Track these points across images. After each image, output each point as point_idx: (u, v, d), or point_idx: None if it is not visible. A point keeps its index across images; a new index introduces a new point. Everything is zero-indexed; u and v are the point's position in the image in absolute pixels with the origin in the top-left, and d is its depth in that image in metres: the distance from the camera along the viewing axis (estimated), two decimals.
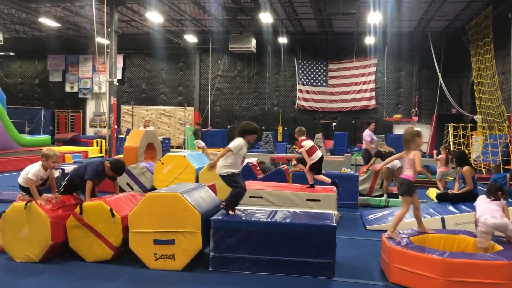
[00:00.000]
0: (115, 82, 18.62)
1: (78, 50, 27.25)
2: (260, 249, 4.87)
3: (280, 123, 25.34)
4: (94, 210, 5.14)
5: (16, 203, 5.25)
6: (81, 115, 28.23)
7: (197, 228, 4.85)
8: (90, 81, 27.85)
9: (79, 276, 4.71)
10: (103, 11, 17.31)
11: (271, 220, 4.99)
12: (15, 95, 27.78)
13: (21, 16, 22.55)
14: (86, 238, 5.12)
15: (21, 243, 5.09)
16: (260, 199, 7.65)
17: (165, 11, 20.81)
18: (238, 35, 21.85)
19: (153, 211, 4.93)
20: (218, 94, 26.52)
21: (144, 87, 27.49)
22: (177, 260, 4.87)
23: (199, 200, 5.20)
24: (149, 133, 12.64)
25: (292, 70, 25.53)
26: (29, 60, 28.63)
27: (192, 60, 26.64)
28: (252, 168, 9.72)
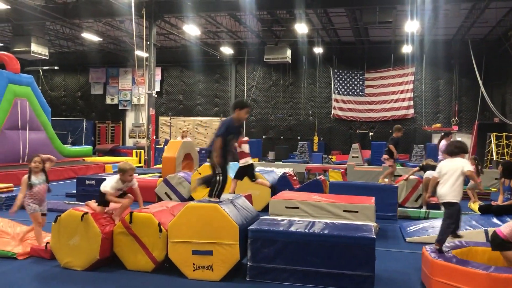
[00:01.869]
0: (153, 94, 19.06)
1: (118, 63, 28.09)
2: (298, 260, 4.85)
3: (315, 133, 25.21)
4: (143, 222, 5.21)
5: (72, 210, 5.40)
6: (121, 126, 29.00)
7: (235, 239, 4.88)
8: (129, 93, 28.63)
9: (121, 284, 4.82)
10: (142, 25, 17.81)
11: (308, 231, 4.96)
12: (59, 107, 28.86)
13: (65, 31, 23.49)
14: (131, 247, 5.22)
15: (69, 249, 5.24)
16: (297, 209, 7.61)
17: (202, 24, 21.22)
18: (274, 46, 21.97)
19: (192, 221, 5.00)
20: (253, 105, 26.68)
21: (181, 98, 28.00)
22: (215, 271, 4.92)
23: (237, 211, 5.24)
24: (187, 144, 12.86)
25: (328, 80, 25.41)
26: (72, 74, 29.72)
27: (228, 71, 26.97)
28: (288, 178, 9.71)
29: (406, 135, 24.29)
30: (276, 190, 8.73)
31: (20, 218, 7.59)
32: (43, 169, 5.89)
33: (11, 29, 21.68)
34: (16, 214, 8.24)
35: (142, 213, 5.28)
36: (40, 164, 5.82)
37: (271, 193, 9.05)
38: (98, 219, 5.30)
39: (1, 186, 9.72)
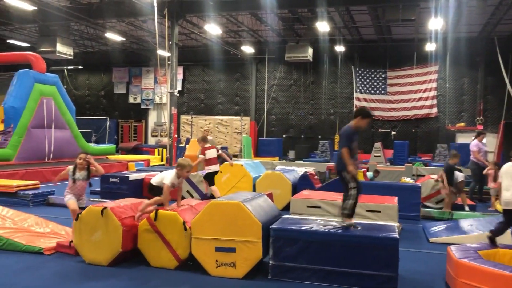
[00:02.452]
0: (175, 93, 19.23)
1: (141, 62, 28.41)
2: (320, 259, 4.84)
3: (337, 132, 25.04)
4: (168, 220, 5.27)
5: (92, 207, 5.50)
6: (144, 125, 29.33)
7: (257, 237, 4.90)
8: (152, 92, 28.93)
9: (144, 280, 4.89)
10: (165, 25, 17.96)
11: (331, 230, 4.95)
12: (83, 106, 29.35)
13: (89, 31, 23.88)
14: (155, 244, 5.29)
15: (93, 245, 5.35)
16: (318, 209, 7.59)
17: (223, 23, 21.29)
18: (295, 44, 21.90)
19: (215, 218, 5.04)
20: (274, 104, 26.66)
21: (202, 97, 28.16)
22: (237, 268, 4.95)
23: (260, 209, 5.25)
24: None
25: (349, 78, 25.21)
26: (96, 73, 30.19)
27: (249, 70, 27.00)
28: (309, 177, 9.68)
29: (429, 134, 23.94)
30: (297, 189, 8.77)
31: (48, 215, 7.78)
32: (87, 167, 6.01)
33: (37, 30, 22.15)
34: (43, 211, 8.46)
35: (167, 211, 5.34)
36: (84, 162, 5.97)
37: (292, 192, 9.09)
38: (118, 213, 5.38)
39: (28, 183, 9.94)
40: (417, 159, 20.71)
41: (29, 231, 6.38)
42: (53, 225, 6.86)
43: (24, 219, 6.83)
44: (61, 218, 7.71)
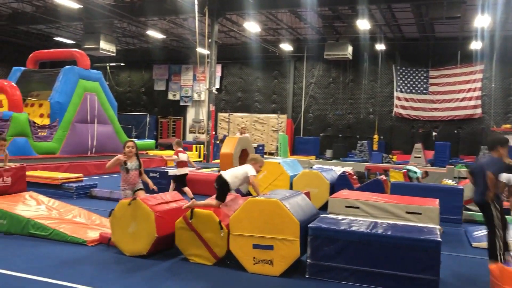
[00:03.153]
0: (214, 90, 19.42)
1: (181, 60, 28.85)
2: (359, 259, 4.78)
3: (375, 132, 24.63)
4: (204, 218, 5.33)
5: (123, 201, 5.65)
6: (182, 122, 29.80)
7: (295, 236, 4.89)
8: (190, 89, 29.34)
9: (183, 275, 4.97)
10: (205, 23, 18.17)
11: (371, 231, 4.87)
12: (124, 102, 30.09)
13: (132, 29, 24.44)
14: (192, 241, 5.36)
15: (130, 237, 5.48)
16: (356, 209, 7.48)
17: (262, 21, 21.33)
18: (334, 42, 21.68)
19: (253, 216, 5.06)
20: (312, 102, 26.49)
21: (240, 95, 28.31)
22: (275, 266, 4.95)
23: (298, 207, 5.24)
24: (244, 140, 12.98)
25: (390, 77, 24.72)
26: (137, 70, 30.88)
27: (287, 68, 26.93)
28: (348, 177, 9.57)
29: (473, 135, 23.17)
30: (335, 188, 8.69)
31: (91, 207, 8.02)
32: (136, 154, 6.12)
33: (82, 27, 22.85)
34: (86, 203, 8.73)
35: (203, 210, 5.41)
36: (133, 149, 6.07)
37: (330, 191, 9.01)
38: (147, 201, 5.50)
39: (72, 176, 10.28)
40: (459, 161, 20.10)
41: (73, 222, 6.60)
42: (96, 217, 7.07)
43: (68, 211, 7.08)
44: (103, 210, 7.93)
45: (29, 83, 16.56)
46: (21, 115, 13.89)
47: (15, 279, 4.61)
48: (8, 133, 13.29)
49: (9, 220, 6.41)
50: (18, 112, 13.88)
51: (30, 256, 5.41)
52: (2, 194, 7.16)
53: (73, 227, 6.38)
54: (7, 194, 7.22)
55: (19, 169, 7.62)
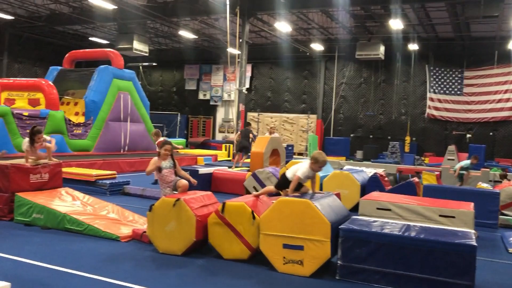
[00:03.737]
0: (244, 90, 19.50)
1: (211, 60, 29.11)
2: (390, 262, 4.71)
3: (407, 133, 24.20)
4: (236, 210, 5.37)
5: (165, 198, 5.71)
6: (212, 121, 30.06)
7: (326, 236, 4.86)
8: (221, 89, 29.56)
9: (213, 272, 5.02)
10: (236, 23, 18.27)
11: (403, 234, 4.80)
12: (156, 102, 30.58)
13: (164, 29, 24.82)
14: (226, 236, 5.39)
15: (166, 236, 5.54)
16: (388, 211, 7.38)
17: (293, 20, 21.28)
18: (366, 42, 21.43)
19: (284, 215, 5.05)
20: (342, 102, 26.25)
21: (269, 95, 28.33)
22: (305, 266, 4.93)
23: (328, 208, 5.20)
24: (274, 140, 13.00)
25: (423, 78, 24.26)
26: (169, 70, 31.33)
27: (317, 68, 26.78)
28: (379, 178, 9.44)
29: (509, 138, 22.47)
30: (365, 190, 8.60)
31: (124, 204, 8.19)
32: (171, 154, 6.32)
33: (116, 28, 23.35)
34: (119, 200, 8.92)
35: (235, 202, 5.44)
36: (169, 152, 6.28)
37: (361, 193, 8.92)
38: (190, 203, 5.53)
39: (106, 173, 10.51)
40: (494, 164, 19.54)
41: (107, 218, 6.75)
42: (129, 213, 7.21)
43: (102, 207, 7.25)
44: (135, 207, 8.09)
45: (65, 82, 17.02)
46: (58, 113, 14.29)
47: (52, 272, 4.75)
48: (44, 130, 13.70)
49: (46, 215, 6.61)
50: (54, 110, 14.29)
51: (66, 250, 5.56)
52: (39, 189, 7.40)
53: (107, 223, 6.53)
54: (44, 190, 7.45)
55: (55, 166, 7.85)
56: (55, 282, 4.46)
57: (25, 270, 4.75)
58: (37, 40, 26.97)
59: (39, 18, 23.01)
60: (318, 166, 5.53)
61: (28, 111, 13.58)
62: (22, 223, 6.76)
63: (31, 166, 7.37)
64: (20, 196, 6.88)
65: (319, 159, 5.49)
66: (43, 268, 4.83)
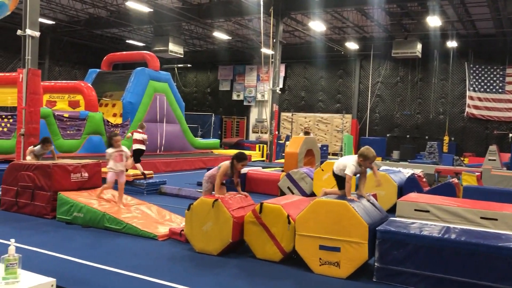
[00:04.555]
0: (277, 90, 19.48)
1: (245, 61, 29.23)
2: (430, 265, 4.60)
3: (446, 133, 23.57)
4: (273, 212, 5.37)
5: (204, 198, 5.76)
6: (245, 121, 30.19)
7: (363, 238, 4.79)
8: (254, 89, 29.64)
9: (250, 272, 5.04)
10: (270, 23, 18.27)
11: (443, 236, 4.67)
12: (190, 102, 30.96)
13: (198, 31, 25.11)
14: (261, 236, 5.41)
15: (203, 235, 5.60)
16: (426, 213, 7.22)
17: (327, 19, 21.10)
18: (402, 40, 21.01)
19: (320, 216, 5.01)
20: (378, 101, 25.83)
21: (303, 94, 28.20)
22: (341, 268, 4.88)
23: (365, 209, 5.13)
24: (309, 140, 12.91)
25: (462, 76, 23.57)
26: (203, 71, 31.68)
27: (352, 67, 26.46)
28: (417, 179, 9.23)
29: None
30: (403, 191, 8.43)
31: (160, 203, 8.33)
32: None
33: (152, 30, 23.79)
34: (156, 199, 9.09)
35: (272, 204, 5.44)
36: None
37: (398, 194, 8.76)
38: (228, 205, 5.56)
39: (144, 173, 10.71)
40: None
41: (145, 217, 6.89)
42: (166, 212, 7.33)
43: (140, 206, 7.39)
44: (172, 206, 8.22)
45: (103, 84, 17.48)
46: (97, 114, 14.69)
47: (93, 270, 4.89)
48: (84, 131, 14.10)
49: (86, 213, 6.81)
50: (93, 111, 14.69)
51: (106, 249, 5.71)
52: (80, 188, 7.63)
53: (145, 222, 6.66)
54: (84, 189, 7.67)
55: (95, 165, 8.08)
56: (96, 279, 4.58)
57: (68, 268, 4.90)
58: (76, 44, 27.82)
59: (78, 22, 23.72)
60: (369, 163, 5.38)
61: (69, 112, 14.01)
62: (64, 221, 6.99)
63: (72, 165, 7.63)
64: (62, 195, 7.11)
65: (369, 155, 5.33)
66: (84, 266, 4.98)
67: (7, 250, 2.79)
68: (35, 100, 9.04)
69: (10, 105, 13.99)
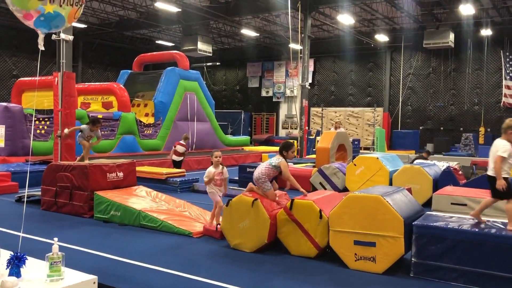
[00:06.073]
0: (307, 85, 19.36)
1: (273, 57, 29.17)
2: (469, 260, 4.49)
3: (481, 124, 22.91)
4: (304, 208, 5.36)
5: (243, 196, 5.75)
6: (275, 117, 30.15)
7: (399, 233, 4.72)
8: (283, 85, 29.56)
9: (286, 268, 5.05)
10: (297, 18, 18.16)
11: (482, 230, 4.55)
12: (220, 100, 31.16)
13: (226, 29, 25.21)
14: (294, 233, 5.41)
15: (239, 232, 5.64)
16: (464, 206, 7.06)
17: (356, 12, 20.81)
18: (434, 30, 20.51)
19: (354, 211, 4.97)
20: (410, 94, 25.33)
21: (333, 89, 27.93)
22: (377, 263, 4.83)
23: (401, 203, 5.05)
24: (341, 135, 12.79)
25: (497, 65, 22.82)
26: (232, 68, 31.80)
27: (382, 59, 26.02)
28: (453, 172, 9.02)
29: None
30: (438, 185, 8.25)
31: (194, 200, 8.44)
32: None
33: (181, 30, 24.04)
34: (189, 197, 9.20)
35: (303, 200, 5.43)
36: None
37: (433, 188, 8.58)
38: (267, 206, 5.57)
39: (176, 171, 10.89)
40: None
41: (179, 215, 6.99)
42: (200, 210, 7.42)
43: (174, 203, 7.52)
44: (205, 203, 8.31)
45: (135, 85, 17.81)
46: (129, 114, 14.98)
47: (133, 267, 5.01)
48: (117, 131, 14.41)
49: (122, 212, 6.96)
50: (126, 112, 14.99)
51: (143, 246, 5.83)
52: (116, 187, 7.81)
53: (180, 219, 6.76)
54: (120, 188, 7.85)
55: (129, 165, 8.25)
56: (135, 276, 4.69)
57: (108, 265, 5.04)
58: (107, 46, 28.41)
59: (109, 25, 24.21)
60: None
61: (102, 113, 14.35)
62: (101, 220, 7.18)
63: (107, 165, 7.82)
64: (99, 195, 7.30)
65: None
66: (123, 263, 5.10)
67: (51, 249, 2.89)
68: (71, 102, 9.29)
69: (46, 108, 14.46)
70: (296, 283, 4.58)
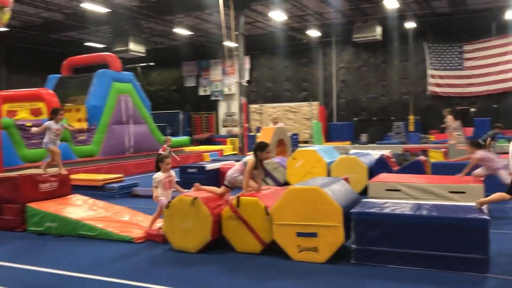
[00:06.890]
0: (244, 83, 19.46)
1: (209, 55, 29.03)
2: (405, 242, 4.73)
3: (411, 112, 24.11)
4: (250, 205, 5.39)
5: (183, 196, 5.68)
6: (214, 116, 30.04)
7: (338, 221, 4.87)
8: (220, 84, 29.51)
9: (231, 266, 5.05)
10: (230, 16, 18.18)
11: (415, 213, 4.80)
12: (156, 101, 30.48)
13: (159, 28, 24.75)
14: (239, 230, 5.42)
15: (182, 233, 5.57)
16: (397, 192, 7.39)
17: (287, 9, 21.15)
18: (362, 24, 21.32)
19: (295, 204, 5.07)
20: (343, 87, 26.17)
21: (270, 85, 28.26)
22: (320, 253, 4.96)
23: (338, 193, 5.22)
24: (280, 130, 13.02)
25: (422, 55, 24.09)
26: (167, 68, 31.28)
27: (315, 54, 26.67)
28: (386, 160, 9.43)
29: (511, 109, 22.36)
30: (373, 173, 8.59)
31: (133, 205, 8.23)
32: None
33: (111, 31, 23.31)
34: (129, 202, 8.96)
35: (249, 197, 5.46)
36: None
37: (369, 176, 8.92)
38: (207, 203, 5.54)
39: (113, 177, 10.55)
40: (500, 136, 19.42)
41: (119, 221, 6.79)
42: (140, 215, 7.25)
43: (113, 210, 7.29)
44: (146, 208, 8.12)
45: (65, 89, 17.04)
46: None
47: (71, 279, 4.79)
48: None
49: (59, 222, 6.65)
50: None
51: (82, 256, 5.60)
52: (50, 198, 7.44)
53: (120, 225, 6.57)
54: (54, 198, 7.49)
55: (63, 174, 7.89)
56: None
57: (42, 279, 4.79)
58: (33, 50, 26.95)
59: (33, 28, 23.00)
60: None
61: (31, 121, 13.62)
62: (36, 233, 6.81)
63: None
64: (32, 207, 6.92)
65: None
66: (60, 276, 4.87)
67: None
68: None
69: None
70: (243, 280, 4.60)
